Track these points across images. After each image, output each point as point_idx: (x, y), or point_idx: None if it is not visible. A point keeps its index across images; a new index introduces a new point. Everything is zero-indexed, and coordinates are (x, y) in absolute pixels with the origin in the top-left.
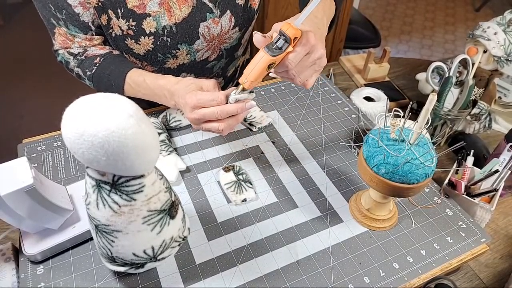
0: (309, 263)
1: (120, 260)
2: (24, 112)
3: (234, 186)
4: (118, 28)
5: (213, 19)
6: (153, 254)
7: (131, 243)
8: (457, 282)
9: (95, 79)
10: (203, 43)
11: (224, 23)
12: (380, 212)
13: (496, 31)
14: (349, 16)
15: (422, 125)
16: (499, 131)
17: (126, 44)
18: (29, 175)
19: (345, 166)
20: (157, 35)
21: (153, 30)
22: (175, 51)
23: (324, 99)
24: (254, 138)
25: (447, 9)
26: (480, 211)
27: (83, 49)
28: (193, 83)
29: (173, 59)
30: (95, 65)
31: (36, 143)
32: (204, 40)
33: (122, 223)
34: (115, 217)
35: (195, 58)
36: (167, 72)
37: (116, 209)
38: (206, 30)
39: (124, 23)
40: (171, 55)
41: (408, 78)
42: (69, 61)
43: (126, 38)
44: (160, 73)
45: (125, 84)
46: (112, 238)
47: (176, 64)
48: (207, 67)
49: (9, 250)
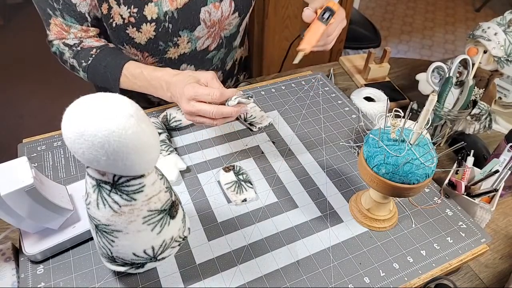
0: (309, 263)
1: (120, 260)
2: (24, 112)
3: (234, 186)
4: (119, 16)
5: (213, 3)
6: (153, 254)
7: (131, 243)
8: (457, 282)
9: (90, 70)
10: (204, 29)
11: (225, 8)
12: (380, 212)
13: (496, 31)
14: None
15: (422, 125)
16: (499, 131)
17: (128, 33)
18: (29, 174)
19: (345, 166)
20: (159, 22)
21: (155, 17)
22: (176, 39)
23: (324, 99)
24: (254, 138)
25: (447, 9)
26: (480, 211)
27: (78, 40)
28: (191, 76)
29: (174, 48)
30: (91, 56)
31: (36, 143)
32: (205, 26)
33: (122, 223)
34: (115, 217)
35: (195, 47)
36: (168, 63)
37: (117, 209)
38: (207, 15)
39: (126, 10)
40: (172, 43)
41: (408, 78)
42: (64, 52)
43: (127, 26)
44: (161, 64)
45: (122, 76)
46: (112, 238)
47: (177, 53)
48: (207, 57)
49: (9, 249)
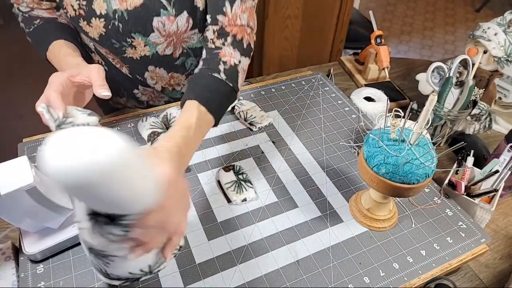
0: (309, 263)
1: (115, 276)
2: (24, 112)
3: (234, 185)
4: (71, 7)
5: (167, 16)
6: (149, 270)
7: (128, 265)
8: (457, 282)
9: (32, 38)
10: (159, 37)
11: (181, 23)
12: (380, 212)
13: (496, 31)
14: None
15: (422, 125)
16: (499, 131)
17: (81, 26)
18: (29, 174)
19: (345, 166)
20: (108, 18)
21: (104, 12)
22: (130, 40)
23: (324, 99)
24: (254, 138)
25: (447, 10)
26: (480, 211)
27: (29, 9)
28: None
29: (131, 49)
30: (34, 25)
31: (36, 142)
32: (160, 35)
33: (121, 250)
34: (113, 245)
35: (156, 51)
36: (132, 63)
37: (115, 239)
38: (161, 26)
39: (75, 1)
40: (126, 43)
41: (408, 78)
42: (18, 16)
43: (79, 19)
44: (124, 64)
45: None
46: (108, 261)
47: (137, 55)
48: (176, 63)
49: (9, 249)
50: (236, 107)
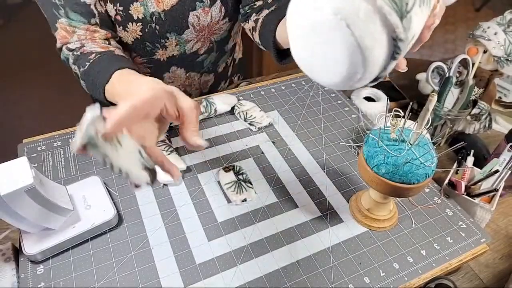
0: (309, 263)
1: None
2: (24, 112)
3: (234, 186)
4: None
5: (203, 8)
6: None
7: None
8: (457, 282)
9: (85, 78)
10: (192, 33)
11: (214, 13)
12: (380, 212)
13: (496, 31)
14: None
15: (422, 125)
16: (499, 131)
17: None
18: (29, 175)
19: (345, 166)
20: (145, 22)
21: (141, 16)
22: (164, 40)
23: (324, 99)
24: (254, 138)
25: (447, 9)
26: (480, 211)
27: (80, 44)
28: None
29: (163, 50)
30: (89, 61)
31: (36, 143)
32: (193, 30)
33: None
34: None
35: (185, 50)
36: (157, 64)
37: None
38: (196, 20)
39: (112, 7)
40: (160, 44)
41: (408, 78)
42: (69, 58)
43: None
44: (149, 65)
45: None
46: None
47: (166, 55)
48: (198, 60)
49: (9, 250)
50: (236, 107)
